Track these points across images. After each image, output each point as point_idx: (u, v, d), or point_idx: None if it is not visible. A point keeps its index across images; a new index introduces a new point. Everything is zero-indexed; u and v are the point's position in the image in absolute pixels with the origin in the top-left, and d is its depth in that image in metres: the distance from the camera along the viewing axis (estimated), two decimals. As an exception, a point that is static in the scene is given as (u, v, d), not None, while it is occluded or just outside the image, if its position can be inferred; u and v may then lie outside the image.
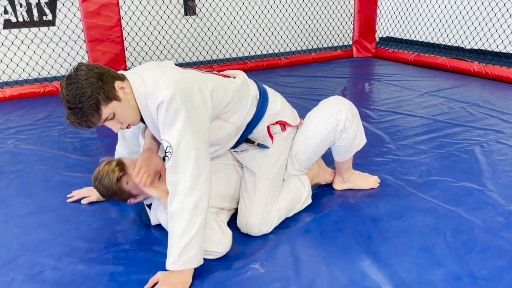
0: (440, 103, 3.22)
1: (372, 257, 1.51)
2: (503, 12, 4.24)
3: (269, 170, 1.71)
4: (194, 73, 1.51)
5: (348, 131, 1.76)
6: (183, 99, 1.36)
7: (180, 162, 1.36)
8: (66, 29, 4.01)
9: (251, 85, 1.68)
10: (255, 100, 1.67)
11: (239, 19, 4.85)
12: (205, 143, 1.42)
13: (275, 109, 1.72)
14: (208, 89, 1.46)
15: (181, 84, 1.39)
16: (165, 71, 1.44)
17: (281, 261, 1.51)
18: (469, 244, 1.56)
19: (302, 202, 1.82)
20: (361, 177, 2.01)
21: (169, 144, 1.37)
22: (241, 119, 1.61)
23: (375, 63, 4.74)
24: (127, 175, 1.59)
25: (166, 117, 1.36)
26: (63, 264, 1.51)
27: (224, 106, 1.54)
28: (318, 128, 1.77)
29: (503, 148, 2.38)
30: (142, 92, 1.41)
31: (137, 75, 1.45)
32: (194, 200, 1.36)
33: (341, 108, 1.74)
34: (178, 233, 1.36)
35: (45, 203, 1.94)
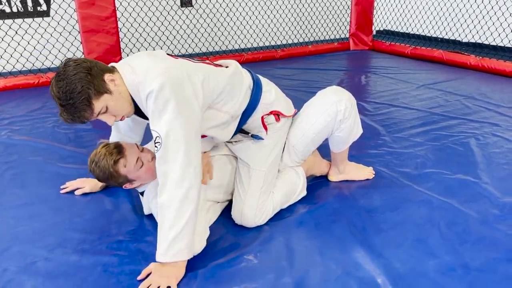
0: (436, 96, 3.22)
1: (366, 248, 1.51)
2: (500, 5, 4.23)
3: (263, 161, 1.70)
4: (186, 62, 1.49)
5: (347, 122, 1.75)
6: (172, 88, 1.34)
7: (170, 153, 1.35)
8: (61, 19, 3.97)
9: (244, 74, 1.66)
10: (249, 90, 1.65)
11: (236, 10, 4.82)
12: (195, 134, 1.40)
13: (269, 99, 1.70)
14: (199, 79, 1.44)
15: (171, 73, 1.36)
16: (156, 61, 1.41)
17: (275, 252, 1.51)
18: (463, 236, 1.56)
19: (297, 193, 1.82)
20: (356, 168, 2.01)
21: (158, 135, 1.35)
22: (235, 108, 1.60)
23: (371, 56, 4.73)
24: (124, 158, 1.58)
25: (155, 107, 1.34)
26: (56, 255, 1.50)
27: (217, 95, 1.52)
28: (317, 118, 1.75)
29: (498, 140, 2.38)
30: (133, 82, 1.39)
31: (128, 65, 1.43)
32: (184, 191, 1.34)
33: (341, 98, 1.73)
34: (167, 225, 1.35)
35: (38, 194, 1.93)
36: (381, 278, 1.36)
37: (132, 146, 1.63)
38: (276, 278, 1.38)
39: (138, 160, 1.59)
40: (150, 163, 1.62)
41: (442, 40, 4.95)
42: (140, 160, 1.60)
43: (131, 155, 1.59)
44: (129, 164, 1.58)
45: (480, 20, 4.49)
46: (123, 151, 1.58)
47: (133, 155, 1.59)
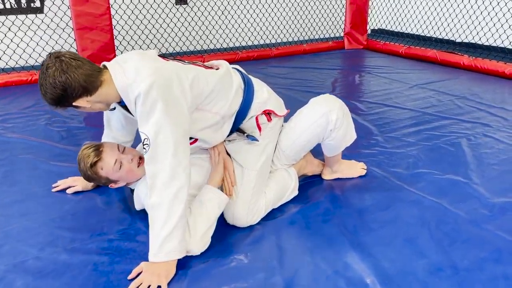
0: (429, 95, 3.23)
1: (356, 248, 1.52)
2: (493, 6, 4.25)
3: (255, 161, 1.70)
4: (175, 64, 1.49)
5: (339, 131, 1.77)
6: (160, 90, 1.34)
7: (158, 154, 1.35)
8: (54, 16, 3.95)
9: (234, 75, 1.66)
10: (240, 90, 1.65)
11: (230, 9, 4.81)
12: (184, 134, 1.41)
13: (262, 97, 1.70)
14: (188, 80, 1.44)
15: (159, 75, 1.37)
16: (145, 61, 1.42)
17: (266, 252, 1.51)
18: (452, 236, 1.58)
19: (289, 193, 1.82)
20: (349, 166, 2.03)
21: (146, 136, 1.36)
22: (225, 108, 1.60)
23: (366, 55, 4.74)
24: (101, 161, 1.60)
25: (143, 109, 1.35)
26: (46, 253, 1.50)
27: (205, 97, 1.52)
28: (308, 127, 1.76)
29: (489, 141, 2.39)
30: (123, 83, 1.40)
31: (119, 65, 1.43)
32: (174, 191, 1.35)
33: (332, 108, 1.73)
34: (158, 225, 1.36)
35: (29, 192, 1.92)
36: (370, 278, 1.37)
37: (112, 147, 1.63)
38: (266, 277, 1.38)
39: (117, 161, 1.60)
40: (131, 164, 1.63)
41: (436, 40, 4.97)
42: (119, 161, 1.60)
43: (109, 157, 1.60)
44: (106, 166, 1.60)
45: (474, 21, 4.51)
46: (101, 153, 1.59)
47: (111, 157, 1.60)
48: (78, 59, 1.39)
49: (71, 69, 1.36)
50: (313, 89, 3.46)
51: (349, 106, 2.95)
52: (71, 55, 1.40)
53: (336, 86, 3.54)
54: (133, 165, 1.63)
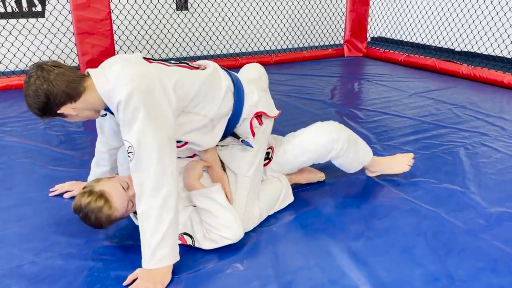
0: (428, 104, 3.24)
1: (352, 256, 1.51)
2: (493, 15, 4.27)
3: (248, 167, 1.69)
4: (159, 67, 1.47)
5: (345, 158, 1.80)
6: (141, 96, 1.33)
7: (143, 162, 1.34)
8: (55, 21, 3.96)
9: (223, 76, 1.63)
10: (230, 92, 1.62)
11: (231, 15, 4.83)
12: (168, 140, 1.38)
13: (253, 100, 1.67)
14: (171, 83, 1.41)
15: (140, 80, 1.35)
16: (127, 67, 1.40)
17: (261, 260, 1.51)
18: (448, 245, 1.58)
19: (281, 199, 1.82)
20: (389, 165, 2.04)
21: (130, 144, 1.34)
22: (214, 110, 1.56)
23: (365, 62, 4.76)
24: (116, 210, 1.47)
25: (124, 117, 1.34)
26: (42, 258, 1.50)
27: (191, 99, 1.49)
28: (311, 149, 1.77)
29: (487, 150, 2.40)
30: (106, 90, 1.38)
31: (102, 71, 1.42)
32: (161, 199, 1.34)
33: (340, 138, 1.74)
34: (148, 233, 1.35)
35: (27, 196, 1.92)
36: (366, 287, 1.37)
37: (117, 190, 1.48)
38: (261, 285, 1.38)
39: (128, 202, 1.50)
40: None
41: (436, 48, 4.99)
42: (130, 201, 1.50)
43: (121, 203, 1.48)
44: (120, 212, 1.48)
45: (473, 30, 4.53)
46: (112, 204, 1.45)
47: (122, 202, 1.48)
48: (59, 67, 1.39)
49: (52, 77, 1.36)
50: (313, 96, 3.47)
51: (348, 114, 3.01)
52: (53, 63, 1.40)
53: (335, 94, 3.55)
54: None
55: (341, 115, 3.02)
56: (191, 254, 1.53)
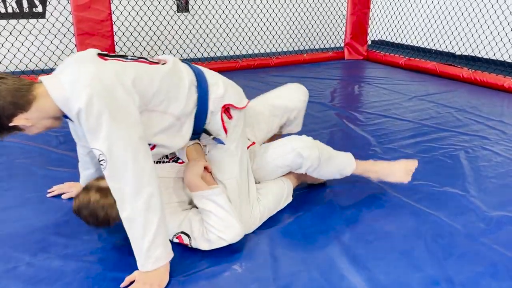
0: (428, 107, 3.24)
1: (351, 259, 1.50)
2: (493, 19, 4.27)
3: (232, 168, 1.63)
4: (115, 63, 1.37)
5: (317, 173, 1.77)
6: (102, 99, 1.25)
7: (118, 167, 1.28)
8: (56, 21, 3.96)
9: (184, 70, 1.54)
10: (193, 86, 1.53)
11: (232, 17, 4.83)
12: (140, 139, 1.32)
13: (218, 92, 1.57)
14: (129, 79, 1.33)
15: (97, 83, 1.27)
16: (81, 69, 1.31)
17: (260, 262, 1.50)
18: (448, 249, 1.56)
19: (284, 200, 1.81)
20: (387, 171, 1.89)
21: (101, 152, 1.27)
22: (180, 108, 1.48)
23: (366, 65, 4.76)
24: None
25: (88, 125, 1.26)
26: (39, 259, 1.49)
27: (152, 95, 1.40)
28: (279, 167, 1.76)
29: (487, 154, 2.39)
30: (62, 97, 1.29)
31: (55, 77, 1.34)
32: (144, 201, 1.30)
33: (307, 156, 1.69)
34: (138, 237, 1.33)
35: (24, 197, 1.91)
36: (364, 290, 1.36)
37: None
38: None
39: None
40: None
41: (436, 52, 4.99)
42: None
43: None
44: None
45: (474, 34, 4.53)
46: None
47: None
48: (2, 78, 1.29)
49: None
50: (313, 98, 3.45)
51: (348, 117, 3.01)
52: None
53: (335, 96, 3.55)
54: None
55: (341, 117, 3.01)
56: (189, 256, 1.52)
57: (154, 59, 1.54)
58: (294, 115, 2.00)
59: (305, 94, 2.04)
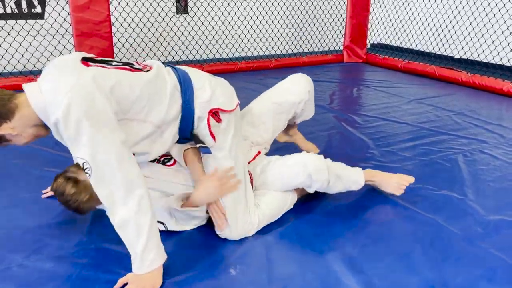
0: (427, 111, 3.23)
1: (347, 263, 1.49)
2: (493, 23, 4.27)
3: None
4: (96, 70, 1.34)
5: (326, 191, 1.76)
6: (80, 106, 1.23)
7: (105, 174, 1.27)
8: (54, 22, 3.95)
9: (167, 76, 1.49)
10: (177, 92, 1.48)
11: (231, 19, 4.83)
12: (123, 144, 1.30)
13: (204, 96, 1.51)
14: (108, 86, 1.31)
15: (76, 90, 1.24)
16: (60, 78, 1.29)
17: (256, 265, 1.48)
18: (445, 253, 1.55)
19: (287, 207, 1.79)
20: (383, 182, 1.91)
21: (84, 160, 1.25)
22: (161, 116, 1.44)
23: (365, 69, 4.75)
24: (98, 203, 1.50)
25: (68, 135, 1.24)
26: (31, 261, 1.47)
27: (132, 102, 1.37)
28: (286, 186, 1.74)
29: (485, 158, 2.38)
30: (41, 105, 1.29)
31: (36, 84, 1.32)
32: (135, 205, 1.29)
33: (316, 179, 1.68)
34: (132, 240, 1.32)
35: (18, 198, 1.90)
36: (360, 294, 1.34)
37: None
38: (254, 291, 1.36)
39: None
40: None
41: (435, 55, 4.98)
42: None
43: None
44: (100, 204, 1.49)
45: (473, 37, 4.53)
46: (94, 196, 1.42)
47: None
48: None
49: None
50: (311, 101, 3.45)
51: (347, 119, 3.00)
52: None
53: (334, 99, 3.54)
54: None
55: (340, 120, 3.00)
56: (183, 258, 1.50)
57: (140, 64, 1.51)
58: (302, 107, 1.96)
59: (309, 83, 1.98)
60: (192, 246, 1.59)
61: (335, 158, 2.37)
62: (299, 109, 1.97)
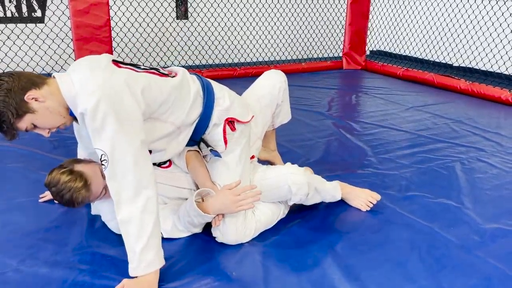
0: (425, 118, 3.23)
1: (344, 270, 1.49)
2: (491, 31, 4.29)
3: (232, 175, 1.63)
4: (126, 71, 1.40)
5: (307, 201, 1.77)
6: (109, 102, 1.29)
7: (119, 169, 1.31)
8: (54, 26, 3.96)
9: (191, 82, 1.58)
10: (199, 98, 1.58)
11: (230, 25, 4.85)
12: (142, 143, 1.35)
13: (223, 105, 1.62)
14: (139, 88, 1.37)
15: (108, 86, 1.31)
16: (93, 72, 1.34)
17: (251, 272, 1.48)
18: (442, 261, 1.55)
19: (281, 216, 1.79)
20: (350, 196, 1.94)
21: (103, 152, 1.30)
22: (182, 118, 1.53)
23: (364, 75, 4.76)
24: (90, 192, 1.50)
25: (94, 126, 1.29)
26: (26, 266, 1.47)
27: (159, 105, 1.45)
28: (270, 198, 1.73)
29: (483, 166, 2.38)
30: (70, 94, 1.33)
31: (67, 76, 1.37)
32: (142, 204, 1.32)
33: (295, 192, 1.67)
34: (132, 240, 1.33)
35: (15, 202, 1.89)
36: (356, 302, 1.34)
37: (96, 174, 1.52)
38: (250, 298, 1.35)
39: (103, 189, 1.53)
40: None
41: (434, 63, 5.00)
42: (105, 189, 1.53)
43: (97, 187, 1.51)
44: (94, 196, 1.53)
45: (471, 45, 4.55)
46: (90, 186, 1.49)
47: (98, 187, 1.52)
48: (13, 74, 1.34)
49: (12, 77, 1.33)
50: (310, 107, 3.46)
51: (345, 126, 3.00)
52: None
53: (332, 106, 3.54)
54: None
55: (338, 127, 3.01)
56: (179, 264, 1.50)
57: (165, 70, 1.58)
58: (281, 99, 1.98)
59: (282, 74, 2.01)
60: (188, 252, 1.58)
61: (332, 165, 2.38)
62: (280, 101, 1.98)
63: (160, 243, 1.38)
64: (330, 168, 2.31)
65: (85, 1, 3.52)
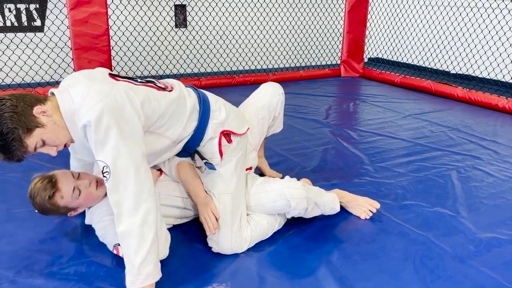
0: (422, 126, 3.24)
1: (338, 280, 1.49)
2: (487, 39, 4.31)
3: (227, 185, 1.64)
4: (125, 84, 1.42)
5: (306, 214, 1.77)
6: (112, 114, 1.30)
7: (120, 181, 1.32)
8: (53, 35, 3.99)
9: (188, 96, 1.60)
10: (195, 112, 1.60)
11: (229, 33, 4.87)
12: (143, 156, 1.37)
13: (219, 118, 1.64)
14: (138, 100, 1.39)
15: (109, 99, 1.32)
16: (93, 86, 1.35)
17: (246, 282, 1.48)
18: (436, 271, 1.55)
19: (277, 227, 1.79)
20: (350, 204, 1.96)
21: (105, 164, 1.31)
22: (178, 132, 1.55)
23: (362, 83, 4.78)
24: (59, 191, 1.57)
25: (96, 138, 1.30)
26: (22, 277, 1.47)
27: (157, 118, 1.47)
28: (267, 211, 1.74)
29: (479, 174, 2.39)
30: (70, 109, 1.35)
31: (66, 91, 1.37)
32: (142, 217, 1.33)
33: (294, 207, 1.67)
34: (132, 252, 1.33)
35: (11, 213, 1.90)
36: (350, 313, 1.34)
37: (66, 175, 1.60)
38: (244, 309, 1.36)
39: (75, 189, 1.59)
40: (89, 189, 1.62)
41: (432, 70, 5.02)
42: (77, 188, 1.59)
43: (66, 185, 1.58)
44: (65, 195, 1.58)
45: (468, 53, 4.56)
46: (57, 183, 1.56)
47: (68, 185, 1.58)
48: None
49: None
50: (307, 115, 3.47)
51: (342, 134, 3.01)
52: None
53: (330, 113, 3.56)
54: (91, 189, 1.63)
55: (335, 135, 3.02)
56: (173, 275, 1.50)
57: (161, 83, 1.59)
58: (278, 111, 2.00)
59: (280, 87, 2.02)
60: (183, 262, 1.59)
61: (329, 173, 2.39)
62: (277, 113, 2.00)
63: (158, 257, 1.38)
64: (326, 176, 2.32)
65: (84, 11, 3.55)
